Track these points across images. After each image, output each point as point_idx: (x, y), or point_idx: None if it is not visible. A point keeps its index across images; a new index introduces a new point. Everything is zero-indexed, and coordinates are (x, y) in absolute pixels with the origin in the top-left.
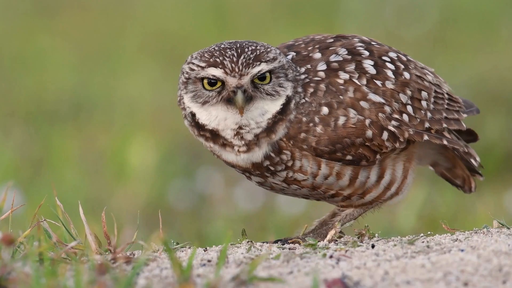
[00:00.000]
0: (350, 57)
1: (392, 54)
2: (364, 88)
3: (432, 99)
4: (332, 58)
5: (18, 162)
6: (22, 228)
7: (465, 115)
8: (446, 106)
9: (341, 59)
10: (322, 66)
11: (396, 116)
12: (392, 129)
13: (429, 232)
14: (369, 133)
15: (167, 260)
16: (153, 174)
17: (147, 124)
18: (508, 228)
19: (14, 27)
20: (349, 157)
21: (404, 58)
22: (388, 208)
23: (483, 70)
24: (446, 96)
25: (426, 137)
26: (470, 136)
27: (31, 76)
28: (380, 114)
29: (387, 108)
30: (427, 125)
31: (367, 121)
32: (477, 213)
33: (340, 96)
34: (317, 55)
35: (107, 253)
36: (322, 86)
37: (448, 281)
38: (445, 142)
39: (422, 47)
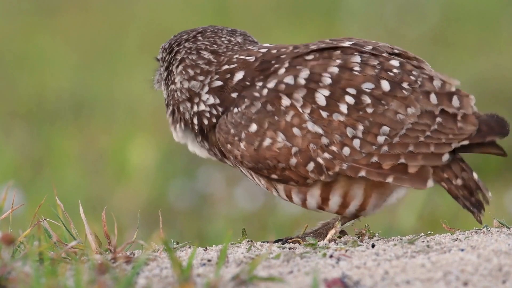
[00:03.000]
0: (304, 83)
1: (367, 86)
2: (305, 116)
3: (402, 132)
4: (286, 79)
5: (19, 162)
6: (22, 227)
7: (460, 143)
8: (422, 139)
9: (293, 83)
10: (271, 84)
11: (333, 148)
12: (321, 161)
13: (429, 232)
14: (293, 161)
15: (167, 259)
16: (153, 173)
17: (147, 124)
18: (508, 228)
19: (15, 27)
20: (274, 176)
21: (380, 92)
22: (388, 207)
23: (484, 70)
24: (434, 127)
25: (362, 173)
26: (497, 149)
27: (31, 76)
28: (311, 145)
29: (324, 140)
30: (374, 159)
31: (294, 149)
32: None
33: (275, 117)
34: (282, 70)
35: (107, 252)
36: (258, 103)
37: (448, 281)
38: (388, 180)
39: (423, 46)
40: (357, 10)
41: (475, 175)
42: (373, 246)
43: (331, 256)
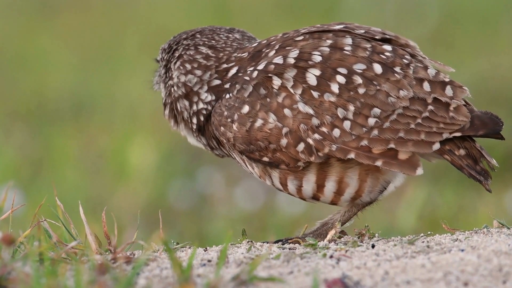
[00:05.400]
0: (293, 62)
1: (358, 66)
2: (297, 96)
3: (393, 117)
4: (276, 60)
5: (19, 162)
6: (22, 228)
7: (452, 134)
8: (413, 126)
9: (282, 62)
10: (260, 66)
11: (323, 129)
12: (311, 142)
13: (429, 232)
14: (283, 141)
15: (167, 260)
16: (153, 174)
17: (147, 124)
18: (508, 228)
19: (15, 27)
20: (265, 159)
21: (372, 74)
22: (388, 207)
23: (483, 70)
24: (426, 114)
25: (351, 155)
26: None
27: (31, 76)
28: (302, 125)
29: (314, 120)
30: (364, 143)
31: (284, 130)
32: (477, 213)
33: (267, 99)
34: (272, 53)
35: (107, 253)
36: (249, 86)
37: (448, 281)
38: (377, 164)
39: (422, 46)
40: (357, 10)
41: (477, 144)
42: (373, 246)
43: (331, 257)
